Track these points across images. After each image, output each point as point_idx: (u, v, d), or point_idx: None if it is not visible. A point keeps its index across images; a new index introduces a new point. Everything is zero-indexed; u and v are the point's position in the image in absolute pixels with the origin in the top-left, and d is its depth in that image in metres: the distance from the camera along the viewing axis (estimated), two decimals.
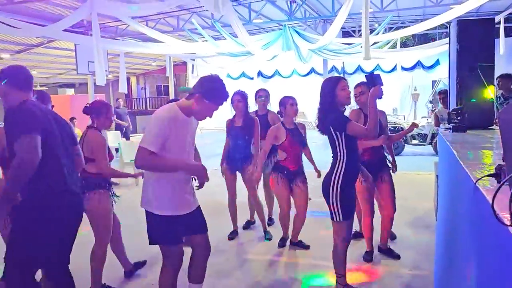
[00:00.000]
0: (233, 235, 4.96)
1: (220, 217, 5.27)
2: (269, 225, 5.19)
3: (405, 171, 7.60)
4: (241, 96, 4.66)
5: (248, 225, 5.29)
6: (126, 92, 14.02)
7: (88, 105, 3.58)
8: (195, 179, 2.94)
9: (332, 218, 3.27)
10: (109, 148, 3.51)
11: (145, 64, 22.83)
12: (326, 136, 3.27)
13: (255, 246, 4.72)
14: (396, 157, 4.65)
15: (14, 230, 2.61)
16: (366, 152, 4.01)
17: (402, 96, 18.13)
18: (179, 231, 2.80)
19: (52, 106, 3.42)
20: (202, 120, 2.84)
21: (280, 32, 11.89)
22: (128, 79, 22.14)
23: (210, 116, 2.75)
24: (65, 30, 9.31)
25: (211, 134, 11.89)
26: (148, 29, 10.59)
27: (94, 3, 8.21)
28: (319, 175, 4.35)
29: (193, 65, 18.45)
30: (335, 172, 3.19)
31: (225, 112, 4.32)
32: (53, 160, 2.59)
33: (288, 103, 4.32)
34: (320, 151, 7.15)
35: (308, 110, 15.91)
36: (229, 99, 4.35)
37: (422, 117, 14.09)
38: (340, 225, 3.26)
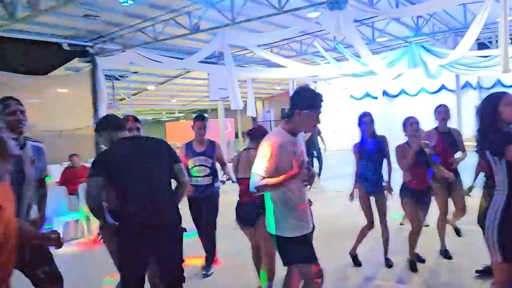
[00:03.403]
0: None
1: (346, 241, 5.12)
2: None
3: None
4: (371, 117, 4.58)
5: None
6: (255, 116, 14.77)
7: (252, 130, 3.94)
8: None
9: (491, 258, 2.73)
10: None
11: (270, 89, 23.82)
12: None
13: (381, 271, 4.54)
14: None
15: None
16: None
17: None
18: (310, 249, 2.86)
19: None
20: (309, 132, 2.86)
21: (405, 49, 11.44)
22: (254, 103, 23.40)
23: (317, 122, 2.79)
24: (200, 62, 10.28)
25: (335, 156, 11.77)
26: (272, 55, 11.11)
27: (225, 35, 8.95)
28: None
29: (315, 88, 18.65)
30: (493, 206, 2.66)
31: (350, 133, 4.36)
32: None
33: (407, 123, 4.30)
34: None
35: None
36: (355, 120, 4.33)
37: None
38: (498, 267, 2.68)
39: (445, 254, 4.74)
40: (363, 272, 4.52)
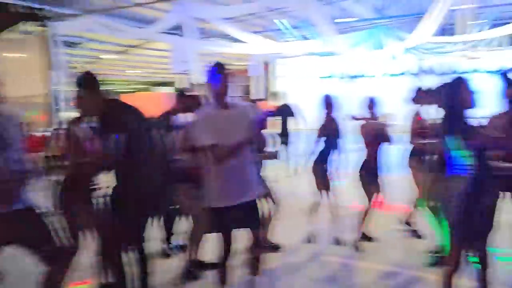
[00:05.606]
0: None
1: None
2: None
3: None
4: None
5: None
6: None
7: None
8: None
9: None
10: None
11: (228, 64, 23.35)
12: None
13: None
14: None
15: None
16: None
17: None
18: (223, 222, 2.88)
19: None
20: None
21: (370, 31, 11.43)
22: None
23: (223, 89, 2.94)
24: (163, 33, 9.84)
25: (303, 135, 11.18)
26: (234, 29, 10.75)
27: (186, 6, 8.57)
28: None
29: (275, 66, 18.49)
30: None
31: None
32: None
33: None
34: None
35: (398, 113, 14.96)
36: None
37: None
38: None
39: None
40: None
